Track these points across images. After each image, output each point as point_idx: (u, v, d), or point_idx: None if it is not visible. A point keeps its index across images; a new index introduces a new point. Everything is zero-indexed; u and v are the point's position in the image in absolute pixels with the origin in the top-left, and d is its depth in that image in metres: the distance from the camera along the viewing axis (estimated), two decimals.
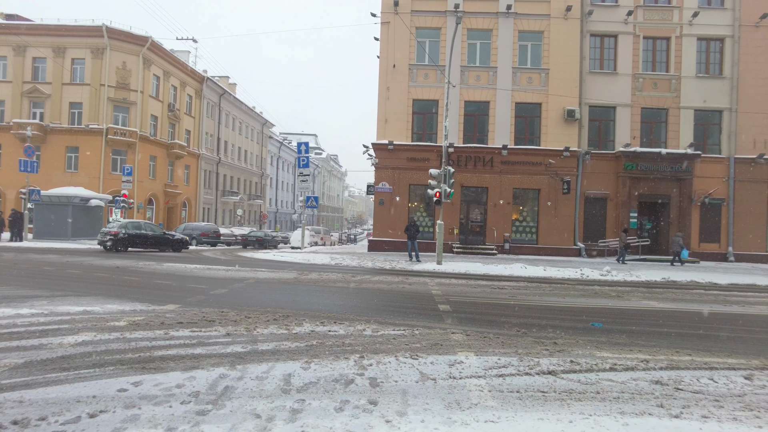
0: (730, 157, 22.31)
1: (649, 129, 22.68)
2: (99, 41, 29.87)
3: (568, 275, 13.37)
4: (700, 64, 22.69)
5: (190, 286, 9.01)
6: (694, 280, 13.16)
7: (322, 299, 7.95)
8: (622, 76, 22.48)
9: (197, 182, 39.85)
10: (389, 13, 22.34)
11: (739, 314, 8.01)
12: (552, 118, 22.21)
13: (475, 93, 22.47)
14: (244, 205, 49.31)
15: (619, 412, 3.19)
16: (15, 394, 3.17)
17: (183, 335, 4.96)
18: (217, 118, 43.44)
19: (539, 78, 22.43)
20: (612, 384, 3.81)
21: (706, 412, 3.27)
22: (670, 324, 6.68)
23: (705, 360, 4.71)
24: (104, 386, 3.38)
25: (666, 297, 9.87)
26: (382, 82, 22.52)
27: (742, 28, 22.25)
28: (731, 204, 22.31)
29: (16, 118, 29.71)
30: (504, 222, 22.20)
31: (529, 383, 3.77)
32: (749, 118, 22.07)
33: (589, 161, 22.26)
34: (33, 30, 30.34)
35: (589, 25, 22.55)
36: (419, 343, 4.94)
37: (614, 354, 4.79)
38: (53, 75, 30.28)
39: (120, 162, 30.37)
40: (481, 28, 22.55)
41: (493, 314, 7.00)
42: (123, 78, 30.65)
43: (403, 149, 22.16)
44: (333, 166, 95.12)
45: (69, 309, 6.13)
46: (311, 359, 4.21)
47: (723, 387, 3.86)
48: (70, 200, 24.56)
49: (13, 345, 4.40)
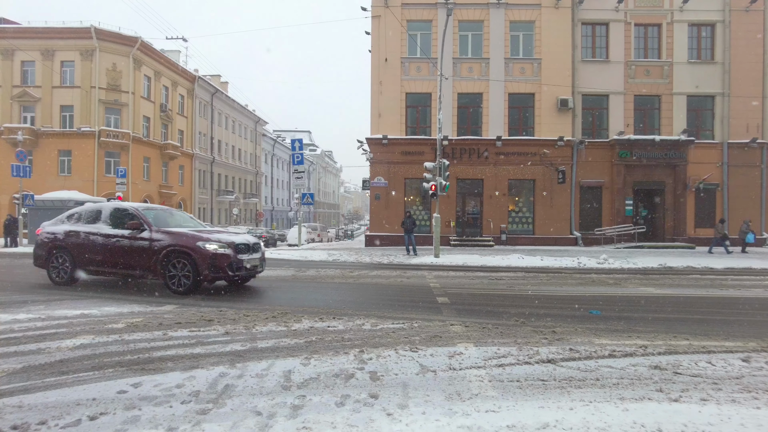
0: (723, 143, 22.41)
1: (643, 116, 22.73)
2: (88, 43, 29.61)
3: (565, 264, 13.42)
4: (691, 49, 22.73)
5: None
6: (691, 266, 13.24)
7: (320, 295, 7.94)
8: (614, 64, 22.49)
9: (192, 182, 39.70)
10: (380, 7, 22.23)
11: (736, 298, 8.07)
12: (545, 108, 22.22)
13: (468, 85, 22.43)
14: (240, 204, 49.17)
15: (618, 398, 3.20)
16: (14, 399, 3.15)
17: (182, 335, 4.95)
18: (210, 117, 43.21)
19: (532, 68, 22.41)
20: (611, 370, 3.83)
21: (704, 395, 3.29)
22: (667, 309, 6.72)
23: (703, 344, 4.74)
24: (104, 388, 3.36)
25: (663, 283, 9.93)
26: (375, 77, 22.44)
27: (732, 12, 22.28)
28: (725, 189, 22.44)
29: (7, 122, 29.47)
30: (500, 213, 22.24)
31: (528, 372, 3.78)
32: (741, 102, 22.15)
33: (584, 150, 22.31)
34: (20, 33, 30.03)
35: (581, 13, 22.52)
36: (418, 336, 4.95)
37: (613, 341, 4.81)
38: (43, 78, 30.03)
39: (113, 164, 30.19)
40: (472, 19, 22.47)
41: (492, 305, 7.02)
42: (114, 79, 30.42)
43: (397, 143, 22.13)
44: (328, 162, 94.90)
45: (66, 313, 6.10)
46: (311, 355, 4.21)
47: (721, 370, 3.89)
48: (65, 204, 24.36)
49: (11, 350, 4.37)
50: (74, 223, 8.60)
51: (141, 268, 7.77)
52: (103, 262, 8.06)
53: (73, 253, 8.30)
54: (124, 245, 7.86)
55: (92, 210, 8.62)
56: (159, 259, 7.55)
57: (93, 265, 8.19)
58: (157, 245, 7.61)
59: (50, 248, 8.54)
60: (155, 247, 7.61)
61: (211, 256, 7.40)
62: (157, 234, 7.72)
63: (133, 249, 7.79)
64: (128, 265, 7.86)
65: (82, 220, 8.55)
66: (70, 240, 8.38)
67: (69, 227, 8.53)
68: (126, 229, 7.96)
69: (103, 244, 8.04)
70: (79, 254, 8.25)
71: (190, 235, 7.68)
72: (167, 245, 7.53)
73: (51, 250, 8.54)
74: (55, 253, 8.51)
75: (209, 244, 7.47)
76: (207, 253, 7.39)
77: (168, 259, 7.52)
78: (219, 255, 7.46)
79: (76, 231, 8.38)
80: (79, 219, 8.61)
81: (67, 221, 8.71)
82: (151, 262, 7.63)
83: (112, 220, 8.24)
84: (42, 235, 8.76)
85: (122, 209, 8.32)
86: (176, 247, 7.50)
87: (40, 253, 8.69)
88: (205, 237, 7.63)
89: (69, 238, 8.39)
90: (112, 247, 7.96)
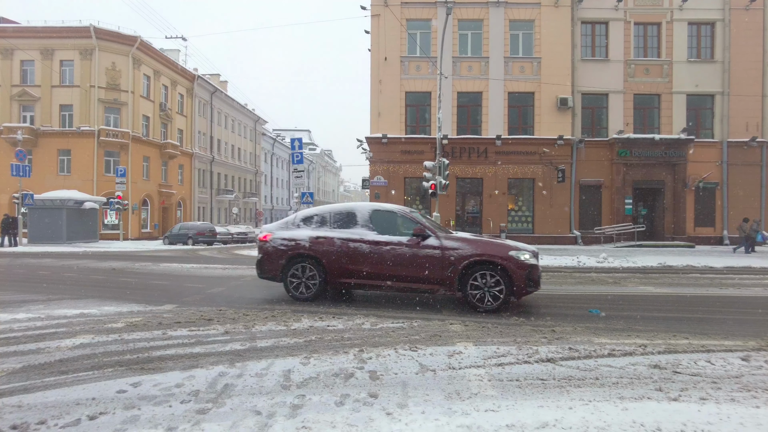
0: (723, 141, 22.40)
1: (642, 115, 22.73)
2: (87, 42, 29.57)
3: (564, 263, 13.42)
4: (691, 48, 22.71)
5: (188, 286, 8.98)
6: (690, 264, 13.25)
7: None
8: (614, 62, 22.47)
9: (191, 181, 39.68)
10: (379, 6, 22.21)
11: (735, 297, 8.07)
12: (545, 107, 22.20)
13: (468, 84, 22.41)
14: (240, 203, 49.17)
15: (618, 397, 3.20)
16: (13, 399, 3.15)
17: (181, 335, 4.95)
18: (210, 116, 43.19)
19: (531, 67, 22.39)
20: (611, 370, 3.83)
21: (704, 394, 3.29)
22: (667, 308, 6.72)
23: (702, 343, 4.74)
24: (103, 388, 3.36)
25: (662, 282, 9.93)
26: (374, 76, 22.42)
27: (732, 11, 22.26)
28: (725, 188, 22.44)
29: (6, 122, 29.45)
30: (500, 212, 22.24)
31: (528, 371, 3.78)
32: (741, 101, 22.14)
33: (583, 149, 22.31)
34: (20, 32, 30.01)
35: (580, 12, 22.50)
36: (418, 335, 4.95)
37: (612, 340, 4.81)
38: (42, 77, 30.01)
39: (113, 163, 30.18)
40: (471, 18, 22.45)
41: None
42: (113, 79, 30.39)
43: (397, 142, 22.12)
44: (327, 162, 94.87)
45: (66, 312, 6.10)
46: (310, 354, 4.21)
47: (720, 369, 3.88)
48: (64, 203, 24.47)
49: (11, 350, 4.37)
50: (317, 227, 7.21)
51: (428, 280, 6.59)
52: (372, 273, 6.79)
53: (325, 262, 6.91)
54: (403, 254, 6.67)
55: (340, 212, 7.27)
56: (457, 271, 6.43)
57: (354, 276, 6.88)
58: (453, 255, 6.48)
59: (290, 257, 7.08)
60: (451, 257, 6.48)
61: (527, 267, 6.41)
62: (449, 241, 6.61)
63: (416, 259, 6.61)
64: (409, 278, 6.67)
65: (329, 224, 7.18)
66: (319, 248, 6.96)
67: (315, 232, 7.11)
68: (400, 235, 6.83)
69: (370, 252, 6.79)
70: (335, 264, 6.90)
71: (498, 243, 6.75)
72: (469, 255, 6.44)
73: (291, 259, 7.08)
74: (297, 262, 7.07)
75: (523, 254, 6.46)
76: (523, 264, 6.38)
77: (469, 270, 6.45)
78: (533, 266, 6.50)
79: (328, 237, 6.97)
80: (322, 222, 7.24)
81: (304, 225, 7.31)
82: (444, 274, 6.49)
83: (375, 224, 6.98)
84: (274, 241, 7.25)
85: (388, 211, 7.17)
86: (483, 257, 6.42)
87: (274, 262, 7.17)
88: (513, 245, 6.65)
89: (318, 246, 6.98)
90: (386, 256, 6.74)
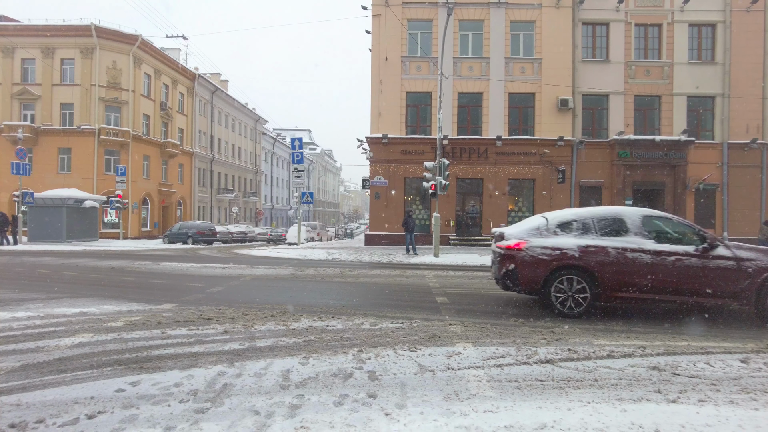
0: (723, 143, 22.40)
1: (643, 116, 22.73)
2: (88, 41, 29.56)
3: None
4: (692, 50, 22.71)
5: (187, 285, 8.98)
6: None
7: (319, 294, 7.94)
8: (614, 64, 22.47)
9: (191, 181, 39.67)
10: (380, 6, 22.21)
11: None
12: (545, 108, 22.21)
13: (468, 84, 22.42)
14: (240, 203, 49.16)
15: (617, 399, 3.20)
16: (12, 398, 3.15)
17: (180, 334, 4.95)
18: (210, 115, 43.18)
19: (532, 68, 22.39)
20: (610, 371, 3.83)
21: (703, 396, 3.29)
22: (666, 309, 6.71)
23: (701, 345, 4.74)
24: (102, 387, 3.36)
25: None
26: (375, 76, 22.42)
27: (733, 13, 22.25)
28: (725, 189, 22.43)
29: (7, 120, 29.43)
30: (500, 213, 22.24)
31: (527, 372, 3.78)
32: (742, 103, 22.14)
33: (584, 150, 22.30)
34: (21, 31, 30.01)
35: (581, 13, 22.50)
36: (417, 336, 4.95)
37: (611, 341, 4.82)
38: (43, 76, 29.99)
39: (113, 162, 30.17)
40: (472, 18, 22.46)
41: (490, 305, 7.02)
42: (114, 77, 30.38)
43: (397, 142, 22.13)
44: (328, 161, 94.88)
45: (65, 311, 6.10)
46: (309, 354, 4.21)
47: (719, 371, 3.89)
48: (64, 202, 24.47)
49: (10, 348, 4.37)
50: (580, 234, 6.35)
51: (720, 294, 6.00)
52: (655, 287, 6.05)
53: (599, 275, 6.08)
54: (692, 265, 6.02)
55: (604, 217, 6.45)
56: (756, 284, 5.87)
57: (632, 290, 6.09)
58: (750, 266, 5.92)
59: (554, 269, 6.21)
60: (748, 269, 5.92)
61: None
62: (742, 252, 6.07)
63: (707, 270, 6.00)
64: (697, 291, 6.02)
65: (594, 230, 6.34)
66: (592, 258, 6.12)
67: (581, 240, 6.25)
68: (677, 243, 6.20)
69: (653, 263, 6.04)
70: (610, 277, 6.09)
71: None
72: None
73: (555, 270, 6.22)
74: (562, 274, 6.21)
75: None
76: None
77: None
78: None
79: (600, 246, 6.15)
80: (585, 229, 6.37)
81: (562, 232, 6.42)
82: (738, 288, 5.92)
83: (649, 231, 6.26)
84: (533, 250, 6.33)
85: (664, 217, 6.52)
86: None
87: (533, 274, 6.29)
88: None
89: (590, 256, 6.13)
90: (670, 267, 6.04)
